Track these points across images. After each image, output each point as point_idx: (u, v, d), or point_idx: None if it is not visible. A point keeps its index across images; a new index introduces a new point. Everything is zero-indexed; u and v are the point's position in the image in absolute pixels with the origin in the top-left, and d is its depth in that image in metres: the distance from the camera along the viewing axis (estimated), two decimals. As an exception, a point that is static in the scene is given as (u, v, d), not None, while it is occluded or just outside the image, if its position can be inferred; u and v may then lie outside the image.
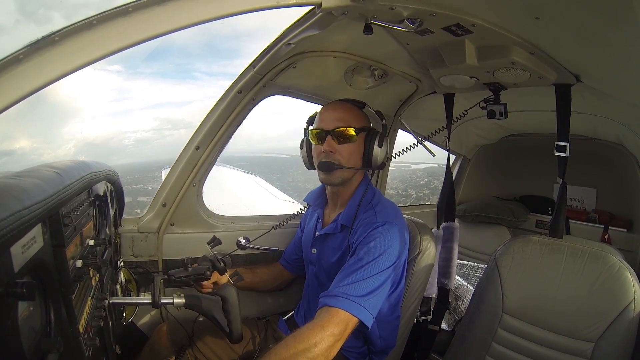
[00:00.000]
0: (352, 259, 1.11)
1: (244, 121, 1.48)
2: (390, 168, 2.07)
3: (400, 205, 2.27)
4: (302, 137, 1.36)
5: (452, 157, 2.72)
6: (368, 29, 1.00)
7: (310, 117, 1.34)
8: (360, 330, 1.08)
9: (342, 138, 1.21)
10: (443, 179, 1.73)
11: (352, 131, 1.20)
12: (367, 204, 1.23)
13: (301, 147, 1.35)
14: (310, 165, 1.35)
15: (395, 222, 1.16)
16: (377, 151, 1.24)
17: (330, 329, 0.96)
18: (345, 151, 1.21)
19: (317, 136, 1.24)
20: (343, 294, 1.02)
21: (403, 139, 1.99)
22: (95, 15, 0.63)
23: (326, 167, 1.21)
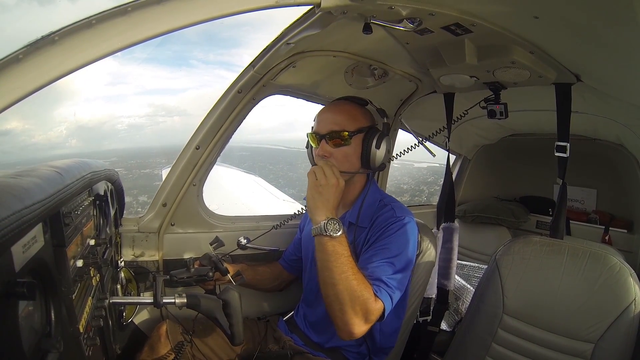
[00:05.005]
0: (375, 245, 1.14)
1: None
2: (394, 165, 2.06)
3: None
4: (296, 130, 1.35)
5: (452, 157, 2.72)
6: (367, 28, 1.00)
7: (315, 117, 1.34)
8: None
9: (337, 141, 1.20)
10: None
11: (345, 135, 1.19)
12: (377, 202, 1.24)
13: (307, 147, 1.36)
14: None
15: (413, 220, 1.19)
16: (375, 152, 1.21)
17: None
18: (340, 154, 1.20)
19: (314, 139, 1.25)
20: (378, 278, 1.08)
21: (403, 137, 1.99)
22: (95, 14, 0.63)
23: None
